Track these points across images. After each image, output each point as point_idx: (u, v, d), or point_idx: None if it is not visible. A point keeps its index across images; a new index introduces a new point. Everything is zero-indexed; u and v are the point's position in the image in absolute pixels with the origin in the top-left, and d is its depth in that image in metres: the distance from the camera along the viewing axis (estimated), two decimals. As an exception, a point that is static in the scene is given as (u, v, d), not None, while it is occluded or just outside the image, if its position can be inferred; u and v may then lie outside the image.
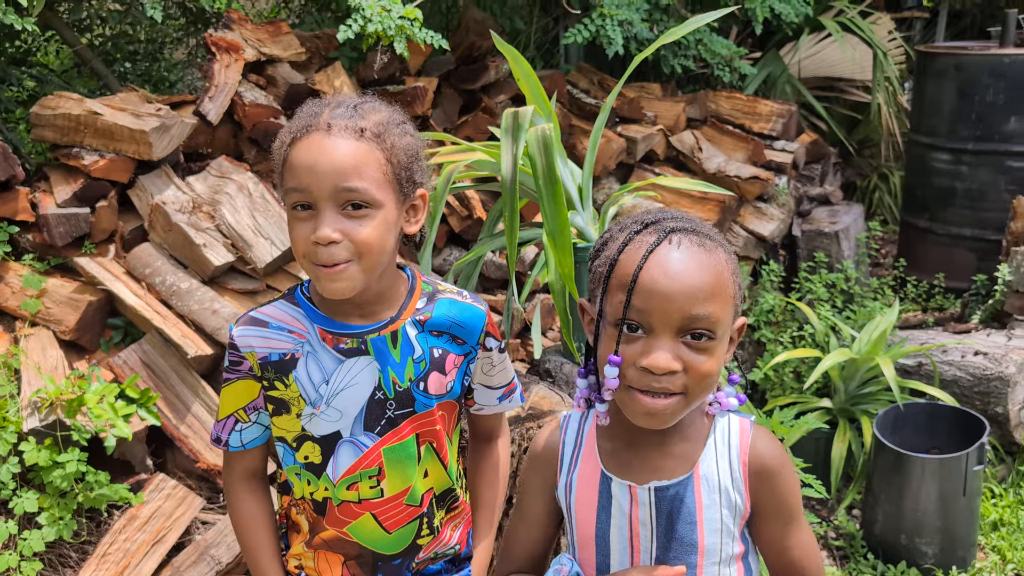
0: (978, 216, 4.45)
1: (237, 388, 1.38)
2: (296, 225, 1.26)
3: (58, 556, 2.21)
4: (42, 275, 2.62)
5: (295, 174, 1.25)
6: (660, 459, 1.21)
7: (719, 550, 1.20)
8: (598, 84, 4.51)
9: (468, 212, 3.33)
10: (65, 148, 2.80)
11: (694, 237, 1.14)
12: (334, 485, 1.37)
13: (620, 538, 1.22)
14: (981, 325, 3.73)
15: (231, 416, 1.40)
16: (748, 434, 1.22)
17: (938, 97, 4.52)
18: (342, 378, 1.34)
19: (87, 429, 2.21)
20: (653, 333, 1.11)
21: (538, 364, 2.43)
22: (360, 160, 1.24)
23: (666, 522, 1.20)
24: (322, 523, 1.40)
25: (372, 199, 1.25)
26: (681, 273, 1.10)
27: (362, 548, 1.39)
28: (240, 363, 1.37)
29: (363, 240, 1.25)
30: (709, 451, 1.21)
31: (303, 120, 1.28)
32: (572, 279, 1.94)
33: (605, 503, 1.22)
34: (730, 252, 1.17)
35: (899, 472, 2.83)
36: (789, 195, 4.41)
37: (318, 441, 1.36)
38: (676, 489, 1.19)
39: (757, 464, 1.21)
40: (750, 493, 1.20)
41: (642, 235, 1.15)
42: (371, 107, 1.31)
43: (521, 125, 1.97)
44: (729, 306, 1.13)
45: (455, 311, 1.42)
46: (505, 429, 1.59)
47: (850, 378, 3.29)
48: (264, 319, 1.37)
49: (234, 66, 3.12)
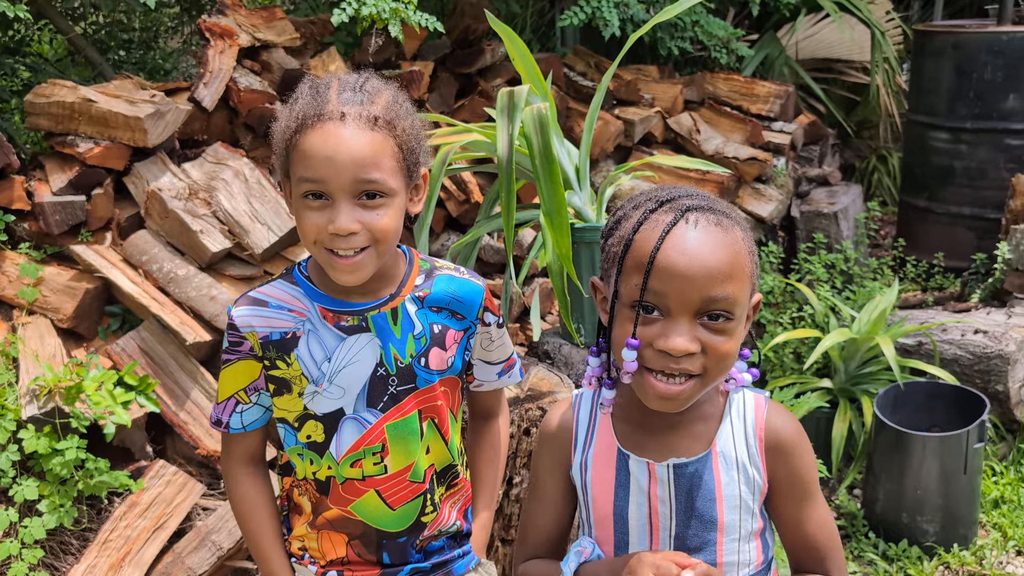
0: (977, 195, 4.44)
1: (237, 369, 1.38)
2: (308, 214, 1.26)
3: (59, 543, 2.21)
4: (39, 263, 2.61)
5: (309, 164, 1.24)
6: (677, 436, 1.20)
7: (738, 527, 1.19)
8: (595, 67, 4.49)
9: (465, 196, 3.32)
10: (60, 136, 2.79)
11: (711, 215, 1.11)
12: (337, 463, 1.37)
13: (639, 515, 1.20)
14: (981, 304, 3.73)
15: (231, 398, 1.39)
16: (763, 409, 1.21)
17: (936, 76, 4.50)
18: (344, 355, 1.34)
19: (86, 416, 2.21)
20: (671, 315, 1.09)
21: (537, 346, 2.43)
22: (376, 151, 1.25)
23: (685, 499, 1.19)
24: (325, 503, 1.40)
25: (388, 188, 1.26)
26: (699, 254, 1.07)
27: (366, 526, 1.39)
28: (240, 343, 1.36)
29: (381, 229, 1.27)
30: (725, 428, 1.20)
31: (310, 106, 1.26)
32: (570, 260, 1.93)
33: (623, 480, 1.21)
34: (746, 229, 1.15)
35: (900, 451, 2.83)
36: (787, 176, 4.40)
37: (320, 419, 1.36)
38: (695, 466, 1.19)
39: (773, 440, 1.20)
40: (767, 469, 1.20)
41: (657, 214, 1.11)
42: (374, 87, 1.30)
43: (517, 104, 1.96)
44: (747, 285, 1.11)
45: (453, 287, 1.42)
46: (504, 407, 1.59)
47: (850, 358, 3.29)
48: (263, 299, 1.36)
49: (228, 52, 3.10)
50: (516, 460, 1.94)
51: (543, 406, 1.94)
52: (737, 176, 4.18)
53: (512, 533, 1.98)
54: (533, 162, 1.95)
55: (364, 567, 1.42)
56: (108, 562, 2.15)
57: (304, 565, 1.44)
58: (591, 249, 2.25)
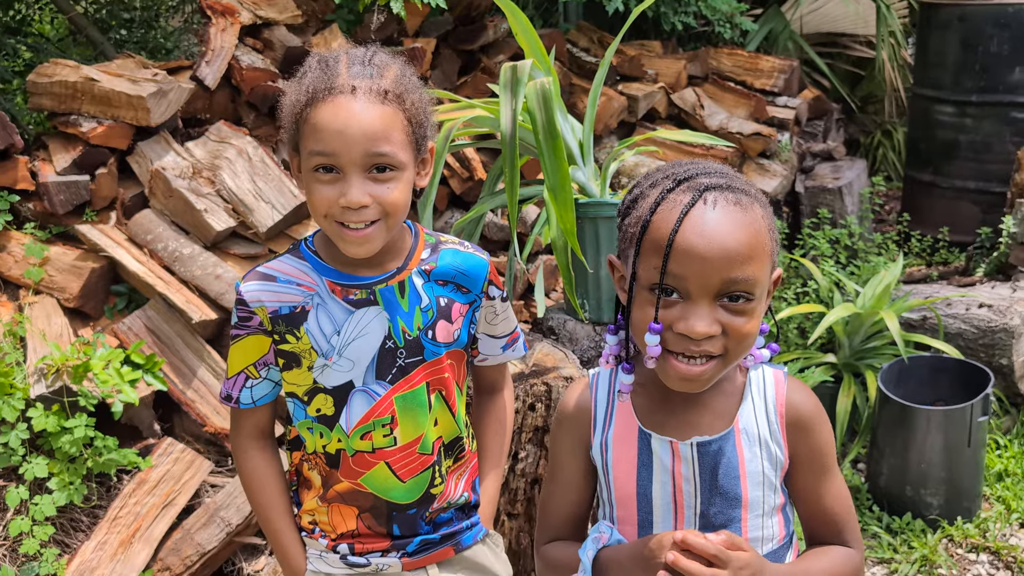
0: (982, 168, 4.42)
1: (247, 344, 1.38)
2: (318, 187, 1.27)
3: (69, 520, 2.23)
4: (44, 243, 2.62)
5: (321, 138, 1.25)
6: (698, 414, 1.20)
7: (762, 502, 1.19)
8: (598, 42, 4.47)
9: (469, 173, 3.31)
10: (63, 116, 2.79)
11: (730, 194, 1.08)
12: (347, 435, 1.38)
13: (663, 494, 1.20)
14: (986, 278, 3.72)
15: (241, 373, 1.40)
16: (783, 385, 1.21)
17: (942, 49, 4.47)
18: (353, 328, 1.35)
19: (94, 395, 2.22)
20: (690, 298, 1.08)
21: (541, 322, 2.43)
22: (387, 124, 1.26)
23: (710, 477, 1.18)
24: (336, 476, 1.41)
25: (398, 162, 1.27)
26: (718, 236, 1.05)
27: (376, 499, 1.41)
28: (249, 319, 1.37)
29: (391, 202, 1.28)
30: (747, 405, 1.20)
31: (320, 80, 1.27)
32: (574, 235, 1.93)
33: (646, 460, 1.20)
34: (766, 205, 1.12)
35: (904, 425, 2.83)
36: (792, 151, 4.38)
37: (330, 392, 1.37)
38: (718, 444, 1.18)
39: (793, 415, 1.20)
40: (788, 444, 1.20)
41: (675, 193, 1.09)
42: (383, 61, 1.31)
43: (520, 79, 1.95)
44: (766, 264, 1.10)
45: (459, 260, 1.44)
46: (509, 381, 1.60)
47: (854, 333, 3.29)
48: (272, 273, 1.37)
49: (230, 30, 3.09)
50: (521, 435, 1.95)
51: (548, 381, 1.94)
52: (741, 151, 4.17)
53: (518, 508, 1.99)
54: (537, 138, 1.94)
55: (374, 539, 1.43)
56: (118, 538, 2.17)
57: (315, 539, 1.45)
58: (595, 225, 2.25)
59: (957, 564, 2.73)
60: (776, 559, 1.21)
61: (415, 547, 1.44)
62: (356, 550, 1.43)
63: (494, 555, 1.54)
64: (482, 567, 1.51)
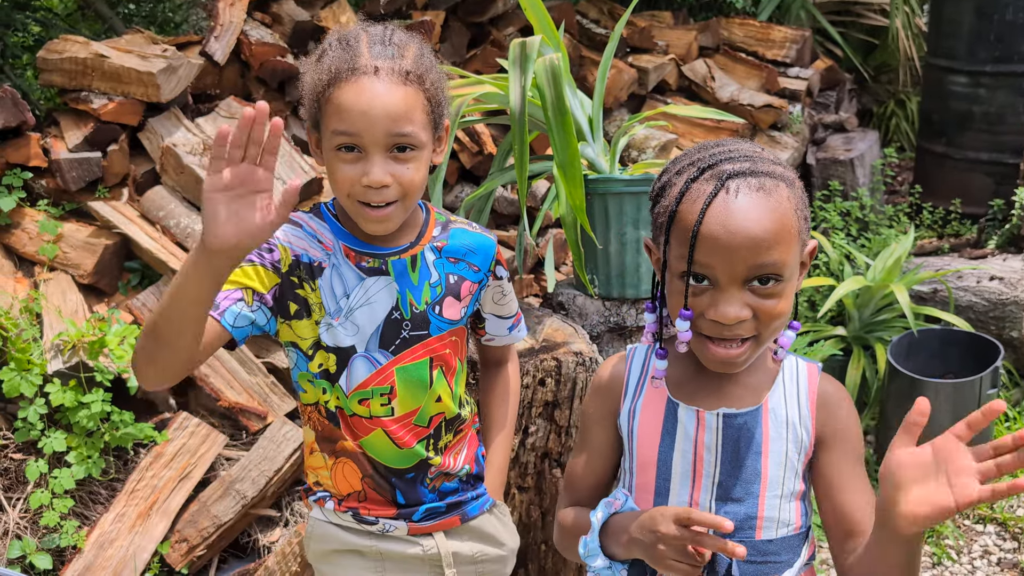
0: (996, 140, 4.38)
1: (257, 270, 1.32)
2: (340, 166, 1.30)
3: (88, 493, 2.27)
4: (57, 220, 2.64)
5: (345, 118, 1.26)
6: (728, 388, 1.22)
7: (781, 483, 1.20)
8: (608, 14, 4.43)
9: (479, 148, 3.31)
10: (73, 92, 2.79)
11: (752, 180, 1.09)
12: (347, 396, 1.41)
13: (683, 462, 1.22)
14: (997, 250, 3.71)
15: (239, 289, 1.29)
16: (816, 376, 1.24)
17: (956, 18, 4.41)
18: (361, 295, 1.38)
19: (110, 370, 2.25)
20: (719, 285, 1.10)
21: (551, 297, 2.45)
22: (409, 105, 1.28)
23: (732, 449, 1.20)
24: (339, 432, 1.43)
25: (419, 141, 1.30)
26: (742, 225, 1.07)
27: (375, 462, 1.44)
28: (271, 251, 1.33)
29: (411, 181, 1.31)
30: (778, 387, 1.22)
31: (342, 59, 1.28)
32: (583, 211, 1.94)
33: (670, 427, 1.23)
34: (792, 183, 1.13)
35: (913, 397, 2.82)
36: (803, 123, 4.35)
37: (333, 351, 1.39)
38: (745, 418, 1.20)
39: (824, 397, 1.22)
40: (816, 425, 1.21)
41: (699, 183, 1.10)
42: (402, 40, 1.33)
43: (529, 56, 1.95)
44: (795, 244, 1.11)
45: (469, 239, 1.47)
46: (514, 356, 1.65)
47: (864, 306, 3.29)
48: (298, 220, 1.39)
49: (239, 4, 3.08)
50: (532, 410, 1.97)
51: (558, 356, 1.96)
52: (752, 124, 4.15)
53: (528, 481, 2.01)
54: (546, 114, 1.94)
55: (380, 507, 1.46)
56: (136, 511, 2.21)
57: (320, 505, 1.48)
58: (604, 200, 2.25)
59: (964, 535, 2.75)
60: (790, 547, 1.21)
61: (420, 515, 1.48)
62: (363, 514, 1.47)
63: (501, 524, 1.57)
64: (489, 536, 1.55)
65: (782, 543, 1.20)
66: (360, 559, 1.49)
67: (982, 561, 2.66)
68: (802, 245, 1.14)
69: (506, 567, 1.59)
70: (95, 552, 2.15)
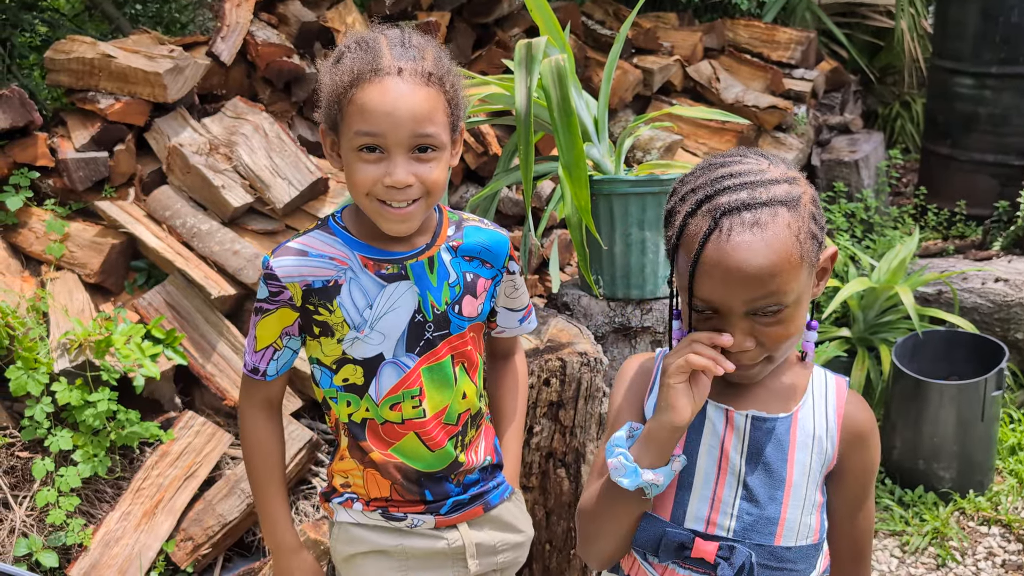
0: (1001, 141, 4.38)
1: (275, 318, 1.41)
2: (361, 166, 1.30)
3: (94, 491, 2.28)
4: (64, 220, 2.65)
5: (368, 118, 1.27)
6: (759, 394, 1.24)
7: (804, 492, 1.22)
8: (613, 15, 4.44)
9: (484, 148, 3.32)
10: (80, 92, 2.81)
11: (747, 215, 1.08)
12: (377, 405, 1.42)
13: (708, 459, 1.23)
14: (1002, 252, 3.70)
15: (270, 347, 1.42)
16: (844, 393, 1.26)
17: (962, 19, 4.41)
18: (385, 302, 1.39)
19: (116, 369, 2.26)
20: (721, 316, 1.13)
21: (556, 297, 2.45)
22: (432, 106, 1.29)
23: (758, 451, 1.22)
24: (367, 445, 1.44)
25: (440, 142, 1.31)
26: (735, 265, 1.08)
27: (407, 467, 1.45)
28: (279, 293, 1.39)
29: (433, 181, 1.32)
30: (807, 400, 1.24)
31: (364, 61, 1.29)
32: (588, 212, 1.94)
33: (697, 424, 1.23)
34: (795, 202, 1.11)
35: (917, 398, 2.85)
36: (808, 124, 4.35)
37: (360, 363, 1.41)
38: (773, 423, 1.22)
39: (852, 425, 1.23)
40: (841, 445, 1.23)
41: (696, 219, 1.11)
42: (420, 43, 1.34)
43: (535, 56, 1.95)
44: (798, 269, 1.10)
45: (483, 237, 1.48)
46: (520, 347, 1.66)
47: (869, 307, 3.29)
48: (303, 248, 1.40)
49: (245, 5, 3.09)
50: (536, 410, 1.97)
51: (562, 357, 1.96)
52: (757, 125, 4.15)
53: (533, 481, 2.02)
54: (551, 115, 1.95)
55: (408, 505, 1.48)
56: (142, 509, 2.22)
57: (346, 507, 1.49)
58: (609, 201, 2.25)
59: (968, 536, 2.75)
60: (807, 557, 1.23)
61: (448, 508, 1.49)
62: (391, 512, 1.48)
63: (519, 510, 1.60)
64: (508, 524, 1.57)
65: (800, 552, 1.22)
66: (385, 559, 1.50)
67: (986, 563, 2.66)
68: (810, 265, 1.13)
69: (523, 553, 1.62)
70: (101, 550, 2.16)
